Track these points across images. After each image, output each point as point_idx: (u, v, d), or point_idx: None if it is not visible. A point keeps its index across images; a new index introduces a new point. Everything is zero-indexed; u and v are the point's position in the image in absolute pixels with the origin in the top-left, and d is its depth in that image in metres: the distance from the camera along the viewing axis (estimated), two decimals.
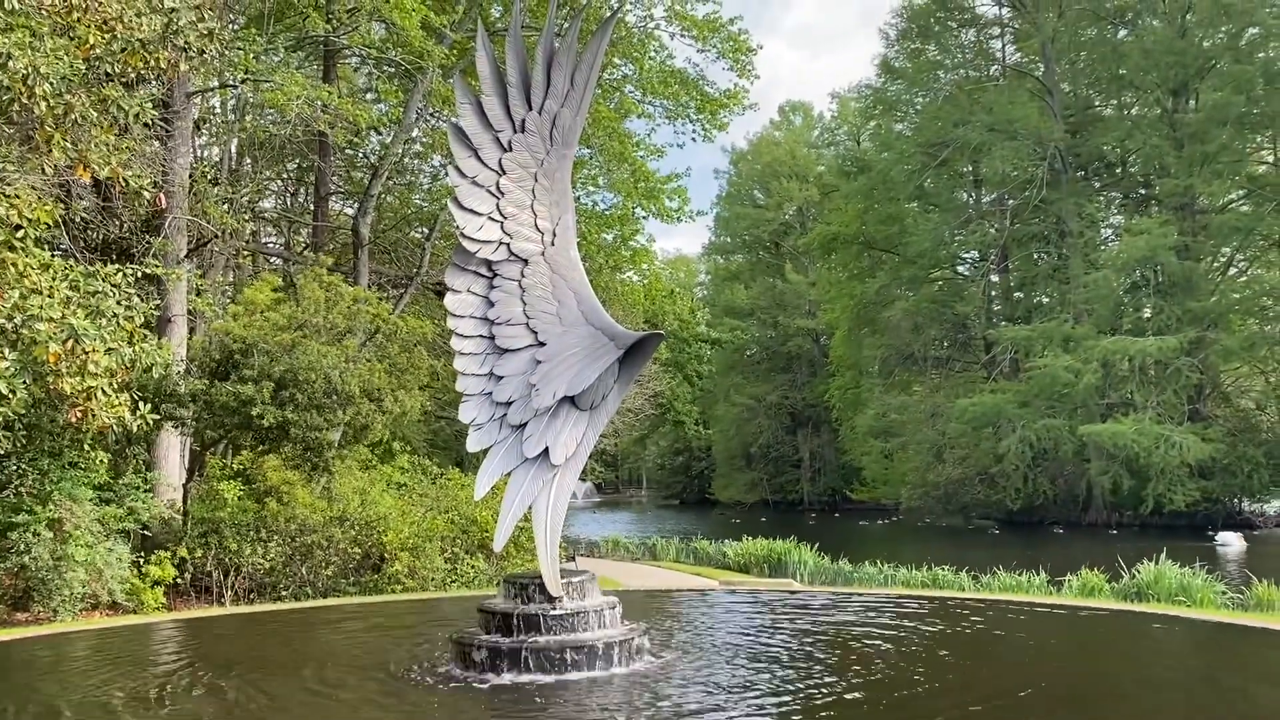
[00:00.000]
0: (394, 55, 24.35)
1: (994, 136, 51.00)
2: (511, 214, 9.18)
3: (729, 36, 24.64)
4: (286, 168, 31.20)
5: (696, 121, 27.24)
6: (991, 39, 59.59)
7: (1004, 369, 51.92)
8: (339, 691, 8.14)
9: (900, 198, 57.95)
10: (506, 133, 9.21)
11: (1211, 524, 44.52)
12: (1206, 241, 49.61)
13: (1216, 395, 49.90)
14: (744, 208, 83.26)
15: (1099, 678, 8.32)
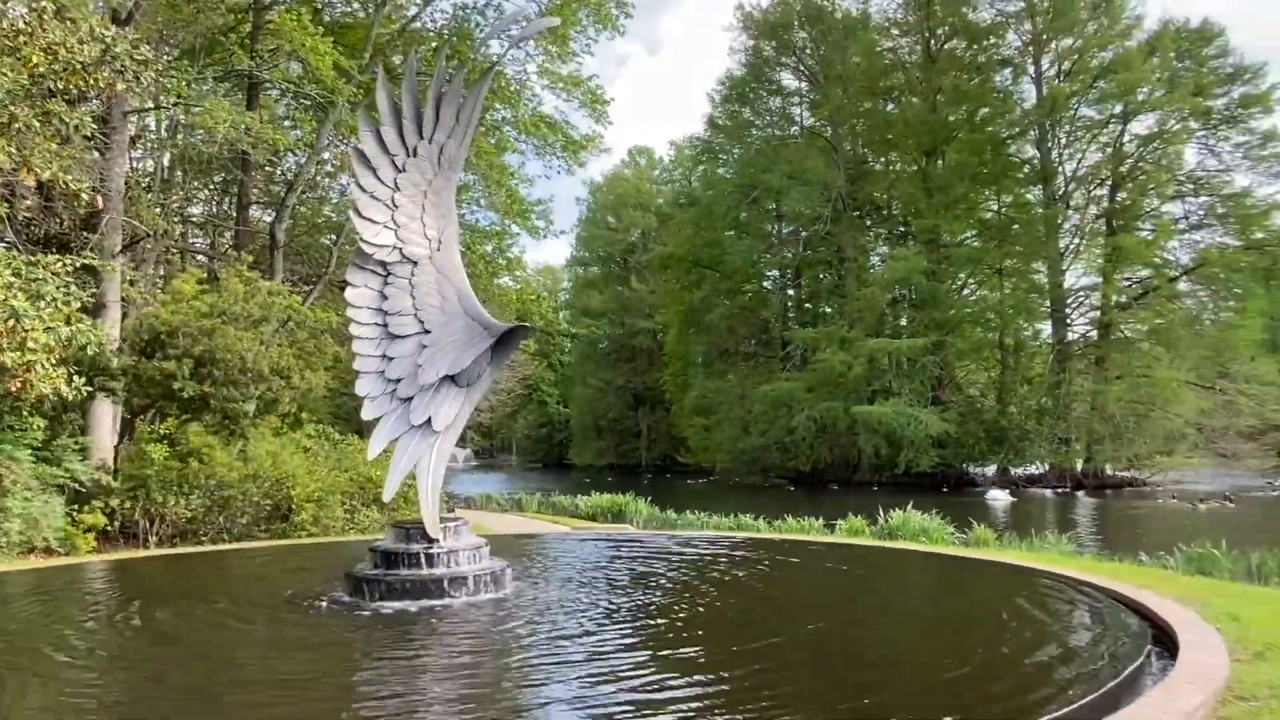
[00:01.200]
0: (309, 90, 23.30)
1: (792, 182, 52.36)
2: (404, 223, 8.91)
3: (588, 90, 24.54)
4: (213, 179, 29.52)
5: (561, 158, 27.03)
6: (792, 106, 61.05)
7: (796, 362, 53.54)
8: (248, 614, 7.78)
9: (720, 226, 58.86)
10: (401, 156, 8.94)
11: (947, 482, 46.95)
12: (948, 268, 52.05)
13: (952, 385, 52.40)
14: (599, 229, 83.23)
15: (855, 586, 8.69)
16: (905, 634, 6.98)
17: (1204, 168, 48.47)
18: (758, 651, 6.10)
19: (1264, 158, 46.71)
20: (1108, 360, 47.32)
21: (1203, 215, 48.72)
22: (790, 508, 22.89)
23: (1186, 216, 48.78)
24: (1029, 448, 47.03)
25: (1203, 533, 18.36)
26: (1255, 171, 47.17)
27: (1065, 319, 50.13)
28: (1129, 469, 47.22)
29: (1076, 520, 31.48)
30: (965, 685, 5.23)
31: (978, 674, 5.52)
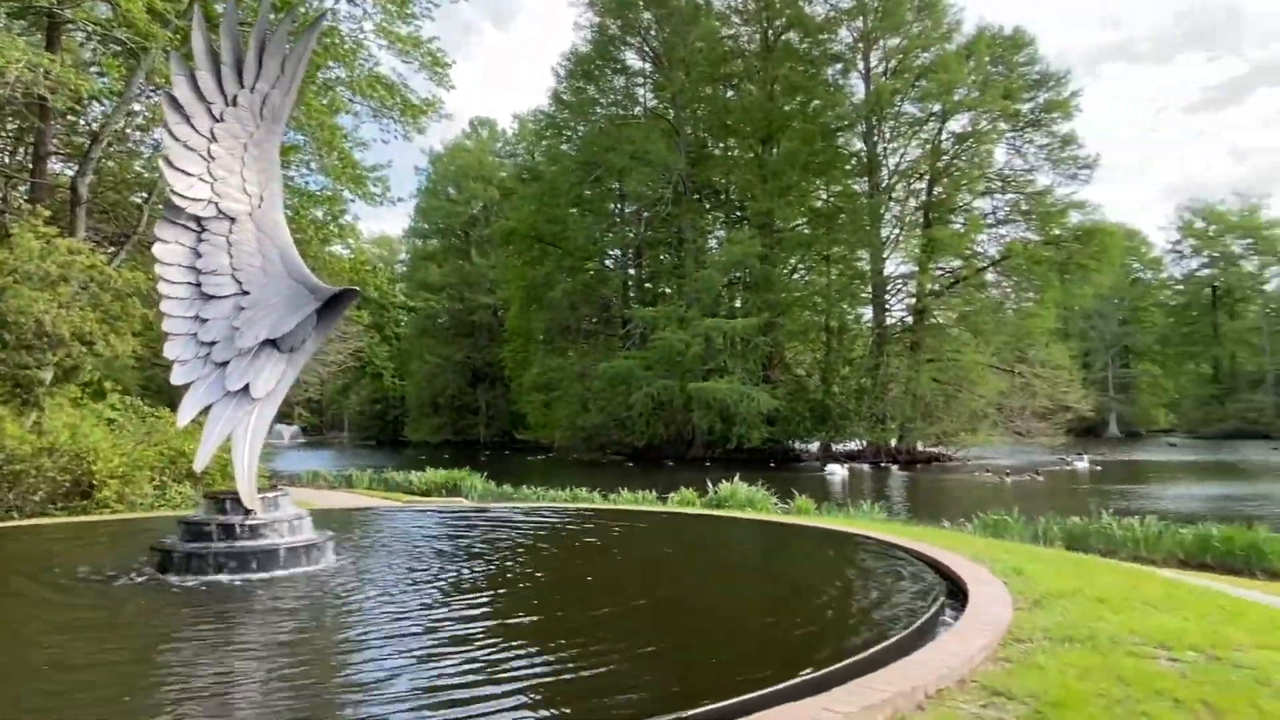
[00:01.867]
0: (119, 34, 21.38)
1: (635, 162, 52.80)
2: (221, 177, 8.37)
3: (428, 52, 23.77)
4: (6, 127, 26.63)
5: (400, 122, 26.10)
6: (636, 86, 61.40)
7: (636, 340, 54.23)
8: (41, 593, 7.14)
9: (564, 203, 58.63)
10: (219, 105, 8.38)
11: (775, 457, 48.95)
12: (780, 252, 54.04)
13: (781, 365, 54.57)
14: (439, 201, 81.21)
15: (683, 551, 8.96)
16: (727, 593, 7.24)
17: (1011, 167, 52.54)
18: (596, 617, 6.19)
19: (1063, 160, 51.07)
20: (921, 344, 50.60)
21: (1009, 211, 52.80)
22: (626, 482, 23.29)
23: (994, 212, 52.73)
24: (849, 425, 49.71)
25: (1004, 502, 20.04)
26: (1055, 172, 51.57)
27: (885, 304, 53.18)
28: (937, 445, 50.80)
29: (898, 491, 33.63)
30: (780, 636, 5.52)
31: (793, 625, 5.83)
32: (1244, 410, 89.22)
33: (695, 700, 4.00)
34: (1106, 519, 14.61)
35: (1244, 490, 32.76)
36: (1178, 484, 35.64)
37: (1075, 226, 50.52)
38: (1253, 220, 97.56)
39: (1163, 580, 8.04)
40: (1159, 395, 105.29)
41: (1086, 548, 14.02)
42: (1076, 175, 51.04)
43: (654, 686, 4.45)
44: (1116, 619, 5.85)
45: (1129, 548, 13.76)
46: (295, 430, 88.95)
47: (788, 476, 38.77)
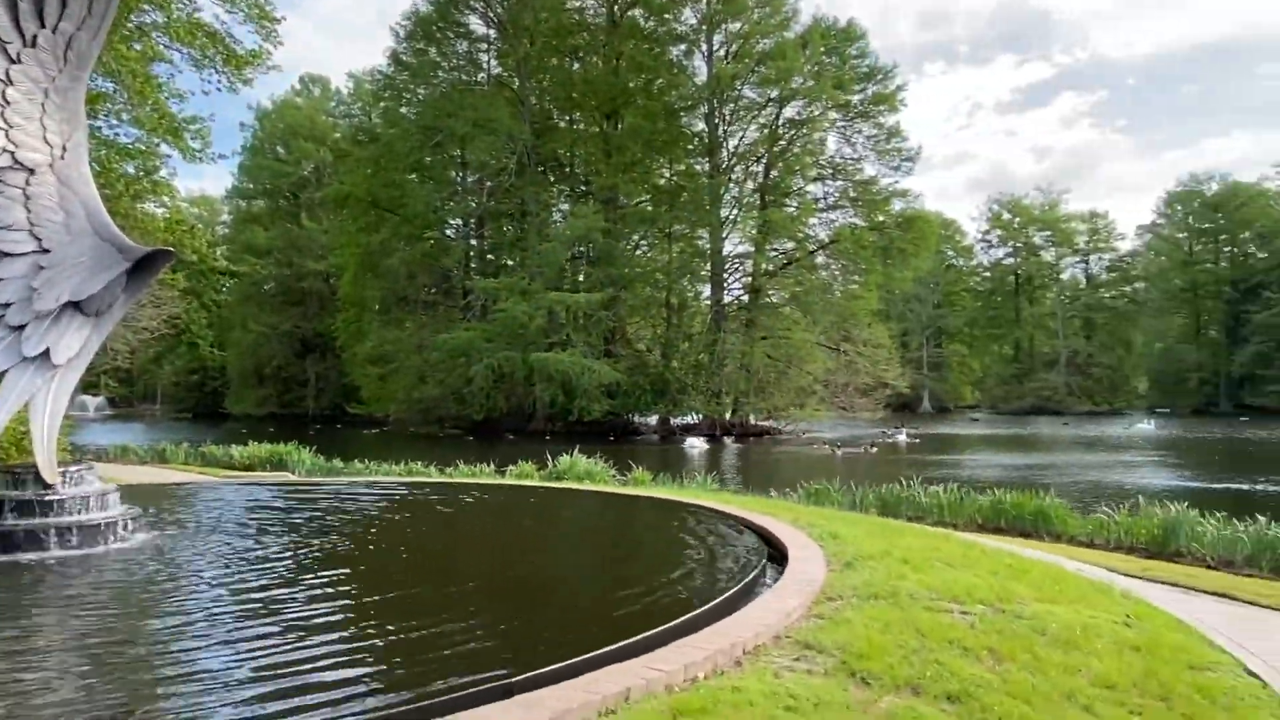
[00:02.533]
0: None
1: (477, 130, 51.71)
2: (18, 124, 7.64)
3: (254, 3, 22.34)
4: None
5: (223, 73, 24.43)
6: (480, 52, 60.00)
7: (477, 312, 53.40)
8: None
9: (402, 168, 56.63)
10: (15, 45, 7.63)
11: (614, 430, 49.61)
12: (624, 228, 54.51)
13: (623, 339, 55.23)
14: (267, 160, 76.79)
15: (518, 519, 9.03)
16: (563, 563, 7.36)
17: (841, 155, 55.14)
18: (426, 589, 6.15)
19: (888, 151, 54.04)
20: (756, 322, 52.47)
21: (838, 197, 55.43)
22: (465, 456, 23.06)
23: (825, 197, 55.22)
24: (687, 399, 51.00)
25: (834, 474, 21.16)
26: (881, 162, 54.55)
27: (723, 282, 54.74)
28: (768, 419, 52.97)
29: (733, 463, 34.90)
30: (614, 602, 5.68)
31: (626, 591, 6.01)
32: (1039, 389, 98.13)
33: (527, 665, 4.09)
34: (915, 487, 15.75)
35: (1036, 460, 36.08)
36: (982, 455, 38.78)
37: (897, 214, 53.66)
38: (1052, 214, 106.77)
39: (960, 542, 8.79)
40: (967, 374, 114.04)
41: (898, 514, 15.09)
42: (900, 166, 54.24)
43: (487, 656, 4.50)
44: (917, 577, 6.37)
45: (935, 513, 14.90)
46: (101, 402, 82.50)
47: (627, 449, 39.42)
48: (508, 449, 35.08)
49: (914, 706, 3.94)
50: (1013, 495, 14.32)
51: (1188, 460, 35.53)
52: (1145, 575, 9.68)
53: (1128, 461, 35.08)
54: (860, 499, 16.27)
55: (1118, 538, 12.48)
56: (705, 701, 3.83)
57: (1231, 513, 12.83)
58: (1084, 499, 21.21)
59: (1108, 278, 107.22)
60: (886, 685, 4.19)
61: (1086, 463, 34.40)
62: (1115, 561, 10.56)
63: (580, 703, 3.75)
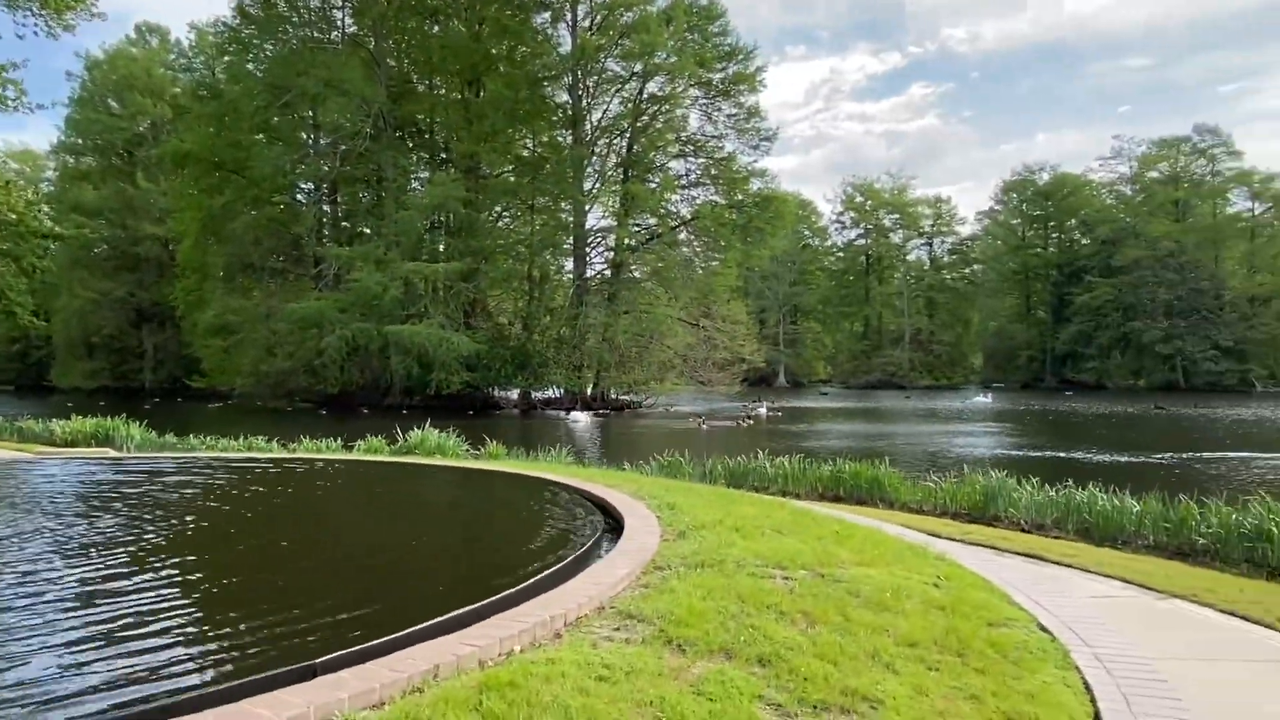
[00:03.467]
0: None
1: (330, 91, 49.43)
2: None
3: None
4: None
5: (40, 16, 22.37)
6: (334, 9, 57.06)
7: (329, 281, 51.34)
8: None
9: (248, 127, 53.43)
10: None
11: (473, 405, 48.99)
12: (485, 198, 53.53)
13: (483, 312, 54.44)
14: (98, 114, 71.02)
15: (360, 494, 8.71)
16: (396, 537, 7.15)
17: (703, 133, 55.74)
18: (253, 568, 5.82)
19: (747, 130, 55.02)
20: (618, 296, 52.67)
21: (699, 175, 56.17)
22: (314, 431, 22.24)
23: (687, 174, 55.84)
24: (548, 373, 50.79)
25: (695, 446, 21.56)
26: (741, 141, 55.46)
27: (586, 256, 54.60)
28: (628, 393, 53.43)
29: (615, 436, 35.10)
30: (446, 576, 5.57)
31: (453, 566, 5.89)
32: (885, 364, 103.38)
33: (342, 646, 3.93)
34: (763, 459, 16.20)
35: (883, 430, 37.95)
36: (835, 425, 40.47)
37: (756, 193, 54.85)
38: (901, 199, 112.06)
39: (794, 510, 9.06)
40: (820, 350, 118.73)
41: (745, 484, 15.51)
42: (759, 145, 55.36)
43: (301, 638, 4.29)
44: (745, 544, 6.51)
45: (779, 483, 15.37)
46: None
47: (486, 423, 38.92)
48: (361, 423, 34.04)
49: (724, 671, 4.00)
50: (852, 465, 14.92)
51: (1016, 431, 38.15)
52: (964, 538, 10.28)
53: (963, 432, 37.35)
54: (710, 470, 16.62)
55: (943, 504, 13.20)
56: (515, 675, 3.76)
57: (1048, 479, 13.82)
58: (921, 467, 22.44)
59: (949, 260, 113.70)
60: (701, 651, 4.23)
61: (926, 433, 36.39)
62: (939, 526, 11.16)
63: (385, 681, 3.62)
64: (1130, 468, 23.70)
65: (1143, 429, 38.65)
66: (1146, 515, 10.90)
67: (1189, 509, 10.61)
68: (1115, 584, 7.95)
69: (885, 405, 62.03)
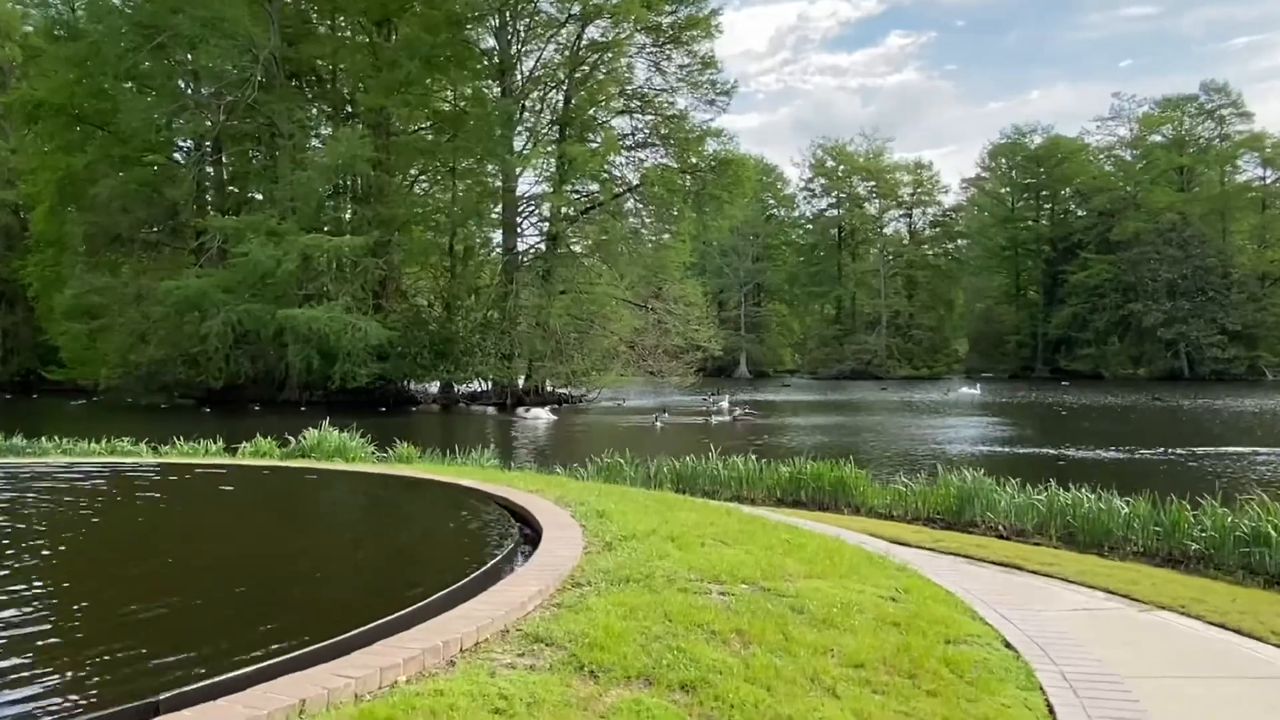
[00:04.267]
0: None
1: (210, 31, 48.19)
2: None
3: None
4: None
5: None
6: None
7: (213, 256, 50.23)
8: None
9: (113, 74, 51.92)
10: None
11: (385, 401, 48.56)
12: (398, 159, 52.92)
13: (396, 292, 53.94)
14: None
15: (247, 503, 8.59)
16: (278, 553, 7.08)
17: (651, 85, 55.66)
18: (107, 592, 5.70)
19: (701, 83, 55.09)
20: (554, 273, 52.53)
21: (647, 134, 56.09)
22: (194, 430, 21.79)
23: (633, 133, 55.72)
24: (473, 363, 50.52)
25: (645, 447, 21.58)
26: (694, 95, 55.49)
27: (517, 228, 54.33)
28: (567, 386, 53.38)
29: (564, 437, 35.00)
30: (331, 596, 5.52)
31: (340, 586, 5.84)
32: (859, 351, 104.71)
33: (184, 680, 3.87)
34: (714, 459, 16.32)
35: (852, 422, 38.50)
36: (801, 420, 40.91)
37: (712, 155, 55.01)
38: (877, 163, 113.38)
39: (742, 517, 9.16)
40: (787, 335, 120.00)
41: (694, 488, 15.62)
42: (715, 101, 55.48)
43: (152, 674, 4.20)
44: (681, 556, 6.56)
45: (732, 487, 15.52)
46: None
47: (401, 421, 38.65)
48: (251, 422, 33.37)
49: (641, 700, 4.02)
50: (813, 465, 15.11)
51: (1002, 425, 39.01)
52: (935, 546, 10.51)
53: (944, 426, 38.05)
54: (655, 473, 16.70)
55: (914, 508, 13.46)
56: (395, 709, 3.73)
57: (1031, 479, 14.13)
58: (894, 467, 22.82)
59: (931, 233, 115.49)
60: (616, 677, 4.25)
61: (902, 428, 37.00)
62: (908, 533, 11.39)
63: None
64: (1121, 465, 24.43)
65: (1137, 421, 39.86)
66: (1135, 518, 11.23)
67: (1182, 511, 10.95)
68: (1097, 594, 8.19)
69: (858, 398, 62.91)
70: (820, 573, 6.58)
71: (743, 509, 10.49)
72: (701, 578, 6.07)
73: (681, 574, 6.08)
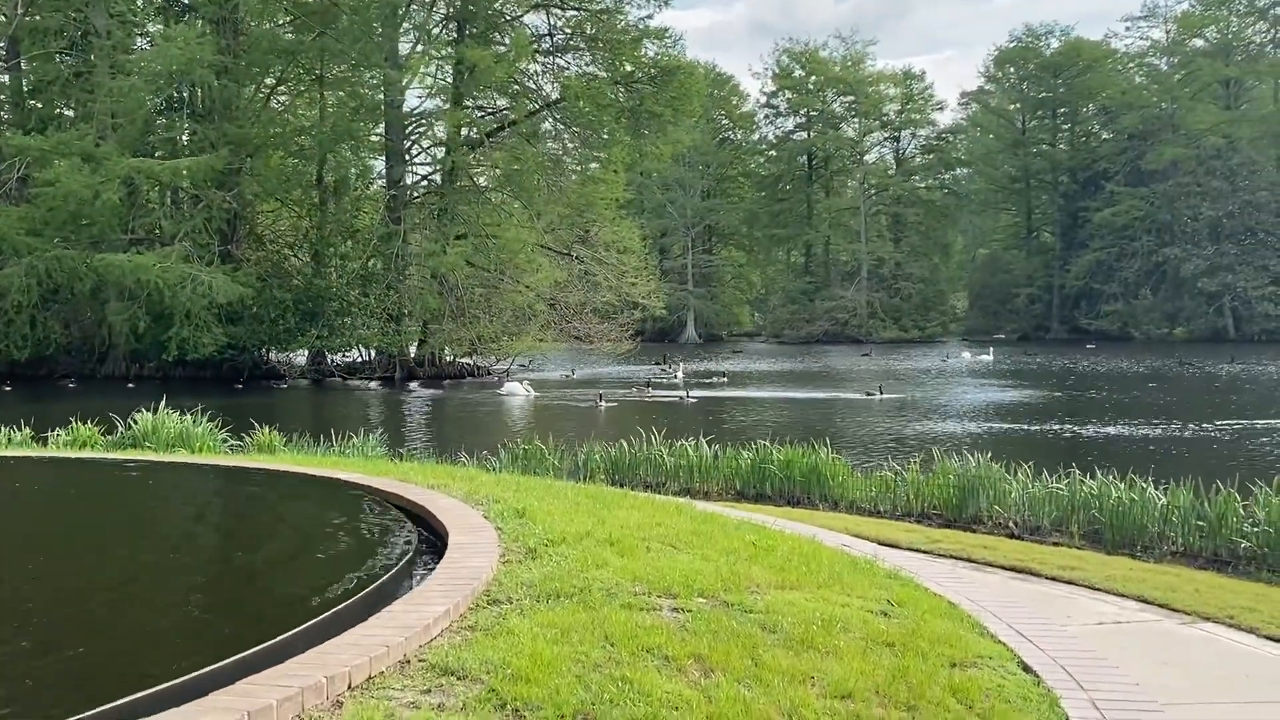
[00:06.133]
0: None
1: None
2: None
3: None
4: None
5: None
6: None
7: (12, 187, 48.92)
8: None
9: None
10: None
11: (239, 375, 48.00)
12: (250, 64, 51.92)
13: (251, 235, 53.20)
14: None
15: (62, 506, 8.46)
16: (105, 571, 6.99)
17: None
18: None
19: None
20: (452, 212, 52.14)
21: (570, 34, 55.73)
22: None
23: (551, 34, 55.32)
24: (350, 327, 50.11)
25: (578, 432, 21.62)
26: None
27: (404, 154, 53.77)
28: (470, 354, 53.12)
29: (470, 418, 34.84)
30: (163, 628, 5.43)
31: (197, 606, 5.77)
32: (834, 309, 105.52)
33: None
34: (656, 444, 16.44)
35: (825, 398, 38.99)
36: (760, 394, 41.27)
37: (650, 62, 54.91)
38: (856, 73, 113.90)
39: (696, 515, 9.24)
40: (745, 290, 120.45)
41: (634, 480, 15.76)
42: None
43: None
44: (623, 564, 6.60)
45: (680, 478, 15.70)
46: None
47: (260, 401, 38.31)
48: (66, 403, 33.08)
49: None
50: (781, 451, 15.29)
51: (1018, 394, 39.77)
52: (933, 548, 10.72)
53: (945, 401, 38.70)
54: (585, 462, 16.80)
55: (906, 502, 13.73)
56: None
57: (1048, 464, 14.46)
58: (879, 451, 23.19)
59: (923, 161, 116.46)
60: (548, 717, 4.27)
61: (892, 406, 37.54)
62: (898, 533, 11.59)
63: None
64: (1159, 445, 25.10)
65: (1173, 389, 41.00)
66: (1174, 511, 11.56)
67: (1229, 502, 11.30)
68: (1129, 604, 8.43)
69: (835, 367, 63.64)
70: (794, 582, 6.66)
71: (696, 505, 10.59)
72: (649, 590, 6.12)
73: (624, 586, 6.12)
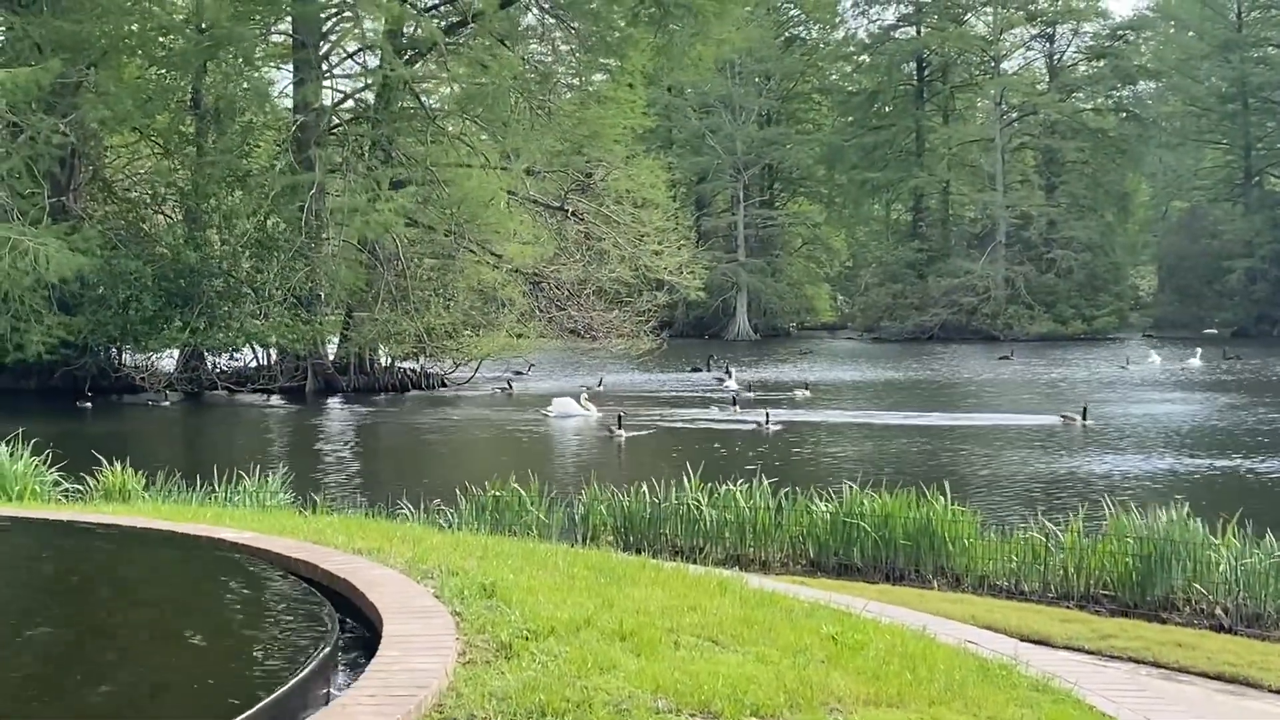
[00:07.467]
0: None
1: None
2: None
3: None
4: None
5: None
6: None
7: None
8: None
9: None
10: None
11: (79, 387, 47.96)
12: None
13: (95, 182, 53.28)
14: None
15: None
16: None
17: None
18: None
19: None
20: (389, 148, 52.04)
21: None
22: None
23: None
24: (239, 315, 50.09)
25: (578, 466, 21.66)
26: None
27: (319, 64, 53.74)
28: (415, 354, 52.90)
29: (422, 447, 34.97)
30: None
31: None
32: (957, 291, 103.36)
33: None
34: (691, 492, 16.38)
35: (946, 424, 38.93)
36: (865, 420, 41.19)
37: None
38: None
39: (748, 595, 9.19)
40: (821, 263, 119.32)
41: (658, 543, 15.76)
42: None
43: None
44: (638, 667, 6.56)
45: (726, 541, 15.65)
46: None
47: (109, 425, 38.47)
48: None
49: None
50: (875, 501, 15.22)
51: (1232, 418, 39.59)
52: (1102, 647, 10.69)
53: None
54: (586, 515, 16.83)
55: (1060, 578, 13.66)
56: None
57: (1271, 521, 14.38)
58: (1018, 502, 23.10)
59: (1089, 71, 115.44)
60: None
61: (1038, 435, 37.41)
62: (1049, 624, 11.54)
63: None
64: None
65: None
66: None
67: None
68: None
69: (963, 375, 63.38)
70: (893, 697, 6.63)
71: (748, 580, 10.55)
72: (678, 707, 6.09)
73: (642, 700, 6.09)
